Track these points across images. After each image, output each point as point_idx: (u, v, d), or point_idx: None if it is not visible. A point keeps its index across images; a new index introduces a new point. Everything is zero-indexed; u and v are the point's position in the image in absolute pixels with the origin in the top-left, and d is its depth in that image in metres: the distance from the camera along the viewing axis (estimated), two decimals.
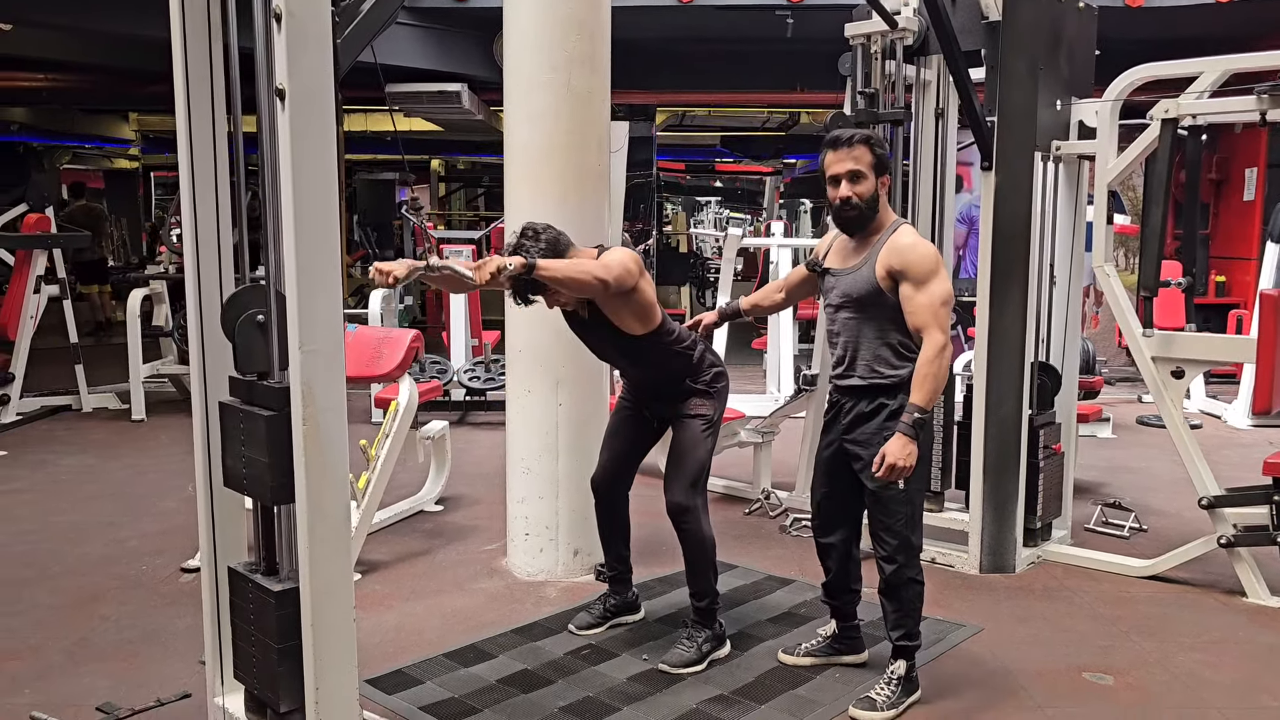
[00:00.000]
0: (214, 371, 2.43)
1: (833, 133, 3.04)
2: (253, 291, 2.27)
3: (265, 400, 2.18)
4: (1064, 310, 4.56)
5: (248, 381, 2.26)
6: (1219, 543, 4.02)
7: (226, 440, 2.31)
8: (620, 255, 3.20)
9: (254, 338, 2.24)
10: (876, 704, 3.04)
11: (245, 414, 2.22)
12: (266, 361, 2.24)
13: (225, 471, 2.34)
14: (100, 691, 3.16)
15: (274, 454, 2.12)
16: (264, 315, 2.23)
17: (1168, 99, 3.96)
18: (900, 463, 2.90)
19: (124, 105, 13.92)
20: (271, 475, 2.13)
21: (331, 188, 2.03)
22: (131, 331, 7.31)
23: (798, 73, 9.88)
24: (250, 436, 2.20)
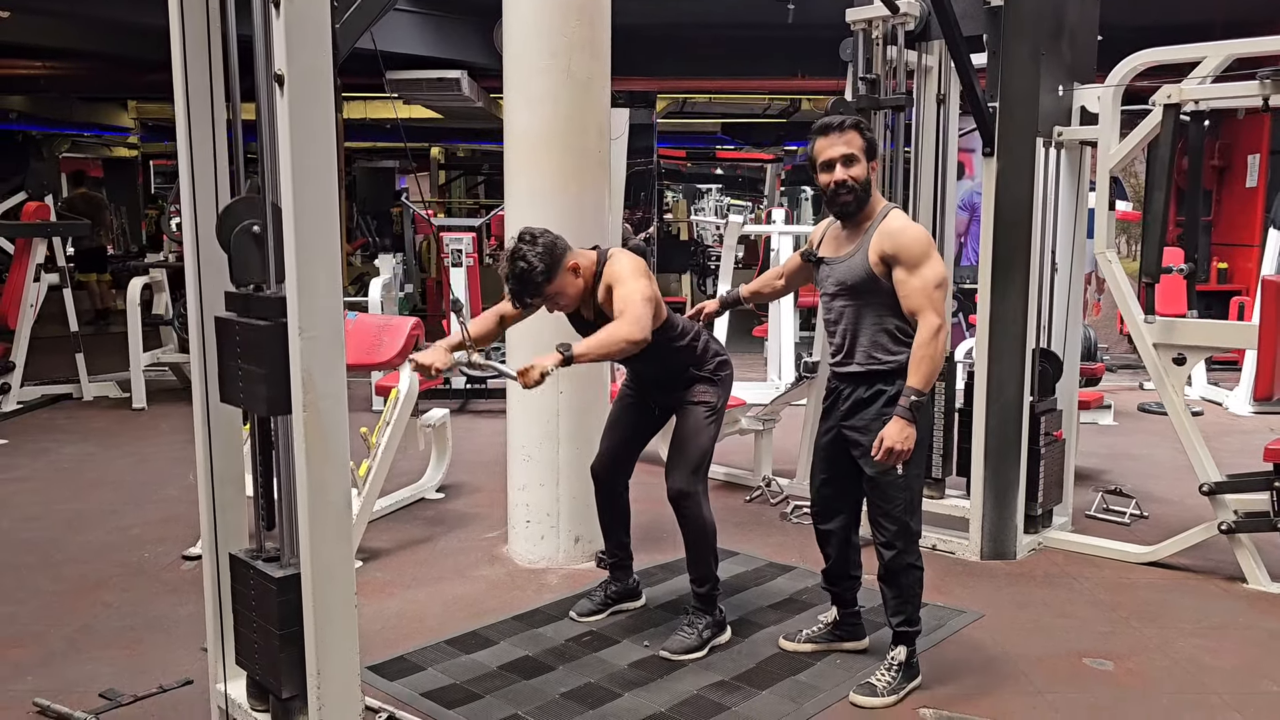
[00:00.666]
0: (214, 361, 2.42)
1: (821, 119, 3.05)
2: (248, 203, 2.22)
3: (262, 311, 2.15)
4: (1065, 297, 4.55)
5: (244, 294, 2.23)
6: (1220, 529, 4.03)
7: (223, 355, 2.26)
8: (634, 290, 3.12)
9: (249, 249, 2.19)
10: (877, 690, 3.05)
11: (242, 326, 2.18)
12: (262, 272, 2.21)
13: (222, 387, 2.29)
14: (103, 678, 3.17)
15: (271, 364, 2.09)
16: (260, 226, 2.19)
17: (1170, 84, 3.95)
18: (898, 446, 2.90)
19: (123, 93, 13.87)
20: (268, 386, 2.10)
21: (331, 174, 2.02)
22: (132, 320, 7.31)
23: (799, 59, 9.84)
24: (247, 348, 2.16)
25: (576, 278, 3.23)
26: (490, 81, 9.86)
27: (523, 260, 3.12)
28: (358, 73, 8.23)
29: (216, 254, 2.32)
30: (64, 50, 9.96)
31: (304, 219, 1.98)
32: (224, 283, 2.34)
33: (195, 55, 2.31)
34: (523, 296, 3.18)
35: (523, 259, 3.12)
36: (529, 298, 3.18)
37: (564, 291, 3.22)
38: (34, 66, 10.71)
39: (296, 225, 1.97)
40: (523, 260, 3.12)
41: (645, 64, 9.54)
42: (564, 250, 3.21)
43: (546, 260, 3.14)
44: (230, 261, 2.22)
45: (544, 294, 3.19)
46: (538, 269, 3.12)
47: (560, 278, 3.19)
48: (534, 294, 3.17)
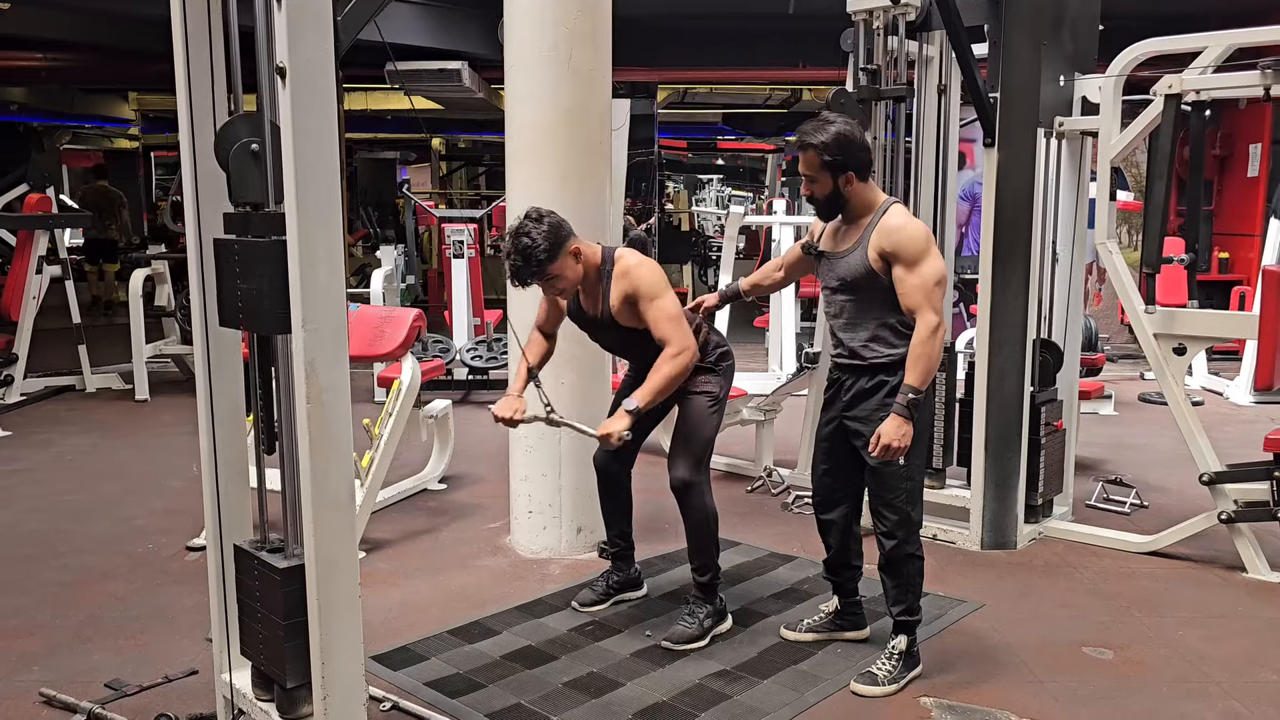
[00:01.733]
0: (217, 348, 2.43)
1: (797, 131, 3.07)
2: (247, 120, 2.20)
3: (261, 228, 2.15)
4: (1066, 287, 4.55)
5: (242, 214, 2.22)
6: (1219, 519, 4.04)
7: (222, 277, 2.24)
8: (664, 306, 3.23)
9: (248, 167, 2.18)
10: (878, 678, 3.07)
11: (241, 245, 2.17)
12: (261, 192, 2.20)
13: (221, 309, 2.29)
14: (108, 668, 3.19)
15: (271, 280, 2.08)
16: (258, 145, 2.17)
17: (1171, 74, 3.94)
18: (895, 443, 2.92)
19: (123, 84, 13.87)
20: (270, 303, 2.09)
21: (333, 165, 2.03)
22: (134, 312, 7.32)
23: (800, 49, 9.83)
24: (247, 266, 2.15)
25: (577, 263, 3.25)
26: (491, 72, 9.85)
27: (527, 237, 3.14)
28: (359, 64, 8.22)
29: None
30: (65, 42, 9.97)
31: (306, 212, 1.99)
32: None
33: (196, 47, 2.32)
34: (523, 274, 3.18)
35: (527, 235, 3.14)
36: (529, 276, 3.19)
37: (563, 274, 3.23)
38: (35, 58, 10.71)
39: (299, 217, 1.98)
40: (527, 237, 3.14)
41: (646, 54, 9.54)
42: (568, 234, 3.23)
43: (550, 240, 3.15)
44: (229, 180, 2.21)
45: (545, 273, 3.19)
46: (540, 246, 3.14)
47: (561, 260, 3.20)
48: (535, 272, 3.17)
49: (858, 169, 3.00)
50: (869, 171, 3.05)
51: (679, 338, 3.19)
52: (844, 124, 3.01)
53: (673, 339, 3.19)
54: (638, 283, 3.23)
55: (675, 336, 3.19)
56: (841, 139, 2.97)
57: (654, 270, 3.27)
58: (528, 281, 3.22)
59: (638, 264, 3.27)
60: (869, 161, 3.05)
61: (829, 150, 2.96)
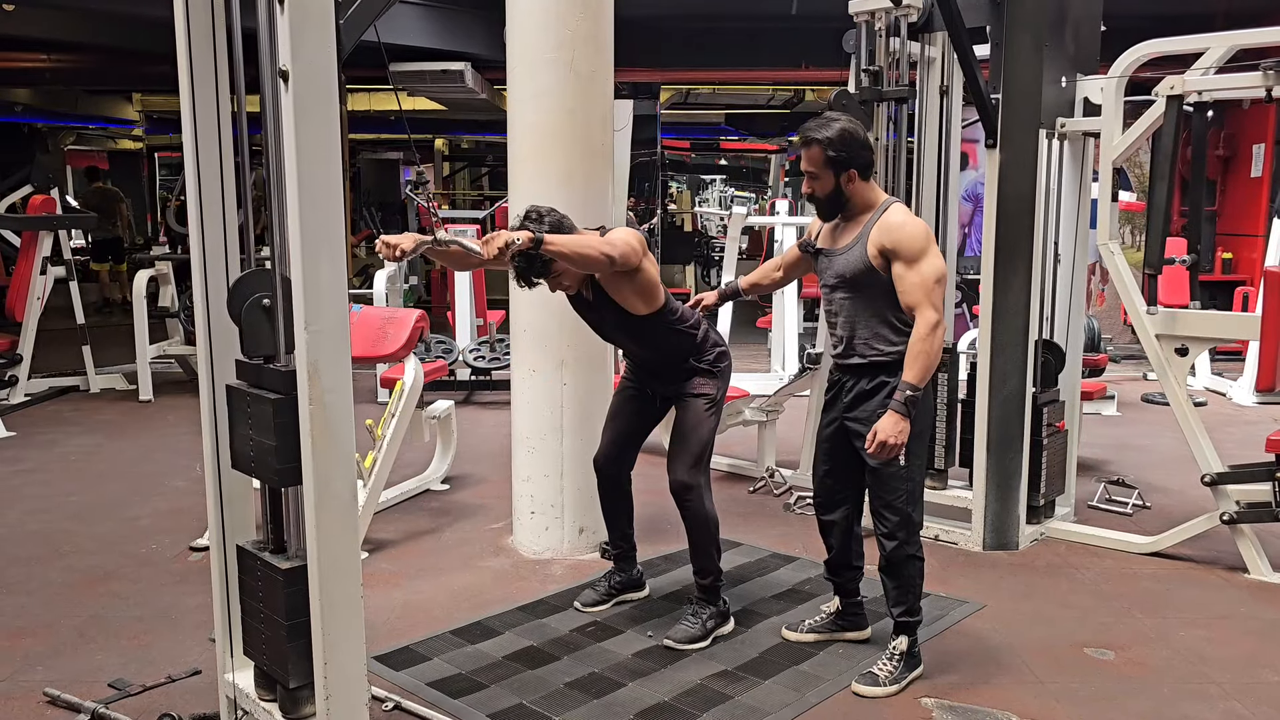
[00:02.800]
0: (220, 352, 2.44)
1: (801, 129, 3.07)
2: (258, 275, 2.28)
3: (272, 384, 2.20)
4: (1068, 288, 4.55)
5: (254, 365, 2.28)
6: (1221, 519, 4.04)
7: (234, 423, 2.32)
8: (624, 234, 3.20)
9: (260, 321, 2.25)
10: (879, 679, 3.07)
11: (252, 397, 2.23)
12: (272, 345, 2.25)
13: (233, 454, 2.36)
14: (112, 668, 3.20)
15: (281, 437, 2.13)
16: (269, 299, 2.24)
17: (1173, 75, 3.94)
18: (891, 440, 2.92)
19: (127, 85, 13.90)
20: (278, 458, 2.15)
21: (335, 168, 2.03)
22: (138, 313, 7.33)
23: (803, 49, 9.83)
24: (257, 420, 2.21)
25: None
26: (494, 73, 9.86)
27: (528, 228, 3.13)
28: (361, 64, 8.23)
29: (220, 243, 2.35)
30: (69, 43, 9.99)
31: (309, 213, 2.00)
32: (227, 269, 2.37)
33: (200, 48, 2.33)
34: (529, 274, 3.18)
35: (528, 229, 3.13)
36: (535, 275, 3.19)
37: (568, 270, 3.24)
38: (39, 59, 10.74)
39: (302, 219, 1.99)
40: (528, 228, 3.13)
41: (649, 55, 9.54)
42: (569, 230, 3.23)
43: None
44: (241, 334, 2.28)
45: (549, 271, 3.20)
46: None
47: None
48: (540, 271, 3.18)
49: (860, 167, 3.01)
50: (871, 171, 3.06)
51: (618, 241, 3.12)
52: (848, 122, 3.03)
53: (613, 239, 3.13)
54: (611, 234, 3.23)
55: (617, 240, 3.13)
56: (846, 136, 2.98)
57: (631, 232, 3.26)
58: (534, 282, 3.23)
59: (621, 229, 3.28)
60: (871, 161, 3.06)
61: (833, 146, 2.97)
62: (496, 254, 2.91)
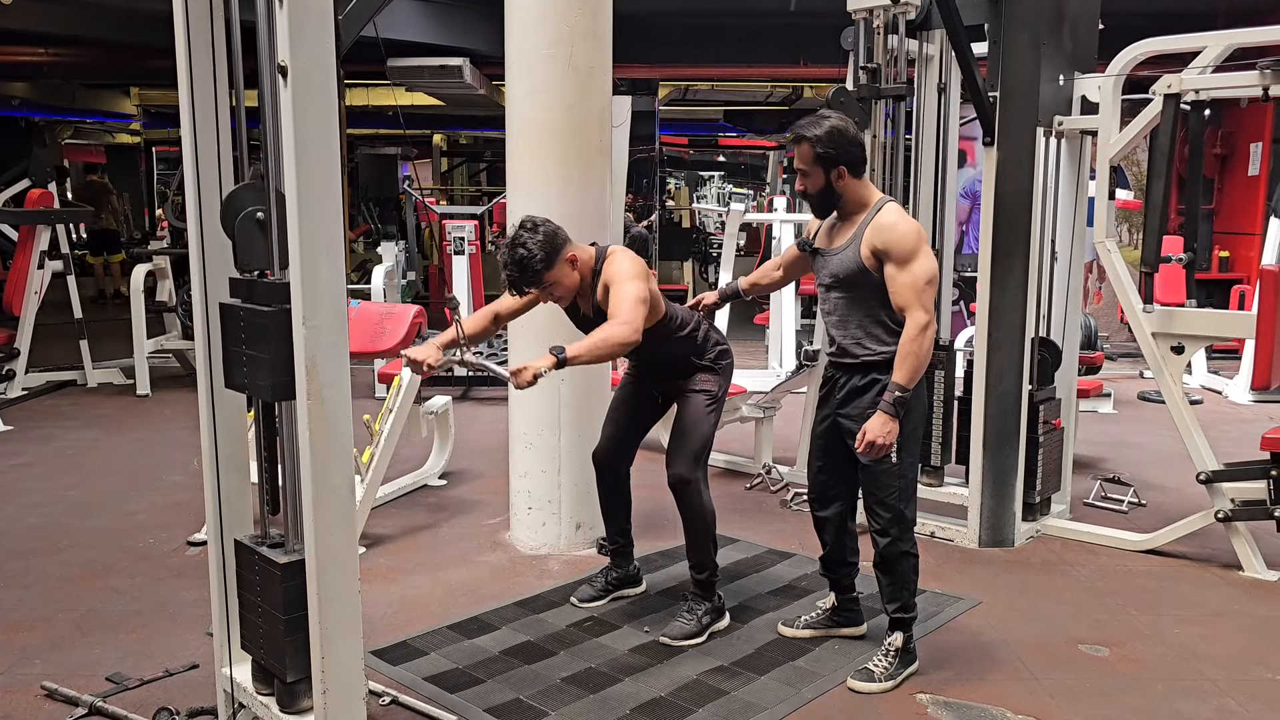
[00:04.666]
0: (218, 345, 2.44)
1: (792, 127, 3.09)
2: (252, 189, 2.24)
3: (266, 297, 2.18)
4: (1065, 286, 4.56)
5: (248, 280, 2.25)
6: (1216, 517, 4.05)
7: (227, 341, 2.29)
8: (630, 290, 3.14)
9: (253, 235, 2.22)
10: (874, 675, 3.08)
11: (246, 312, 2.21)
12: (266, 259, 2.23)
13: (226, 372, 2.33)
14: (109, 662, 3.21)
15: (275, 349, 2.12)
16: (263, 213, 2.21)
17: (1171, 74, 3.95)
18: (880, 440, 2.93)
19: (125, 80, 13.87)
20: (273, 371, 2.13)
21: (334, 164, 2.04)
22: (136, 307, 7.33)
23: (801, 46, 9.84)
24: (251, 333, 2.19)
25: (573, 270, 3.26)
26: (492, 69, 9.86)
27: (523, 247, 3.15)
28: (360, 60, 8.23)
29: (221, 240, 2.35)
30: (66, 37, 9.98)
31: (307, 209, 2.00)
32: (228, 268, 2.37)
33: (199, 42, 2.33)
34: (520, 284, 3.20)
35: (523, 246, 3.15)
36: (527, 285, 3.20)
37: (560, 282, 3.25)
38: (37, 53, 10.72)
39: (300, 215, 1.99)
40: (523, 247, 3.15)
41: (647, 51, 9.54)
42: (564, 241, 3.24)
43: (546, 249, 3.16)
44: (234, 248, 2.25)
45: (542, 282, 3.21)
46: (537, 256, 3.15)
47: (558, 268, 3.21)
48: (532, 281, 3.19)
49: (850, 164, 3.02)
50: (862, 168, 3.07)
51: (629, 313, 3.09)
52: (839, 119, 3.04)
53: (622, 312, 3.10)
54: (613, 271, 3.23)
55: (626, 311, 3.10)
56: (835, 133, 2.99)
57: (634, 262, 3.27)
58: (525, 290, 3.24)
59: (622, 258, 3.28)
60: (863, 158, 3.07)
61: (822, 143, 2.98)
62: (528, 385, 2.96)
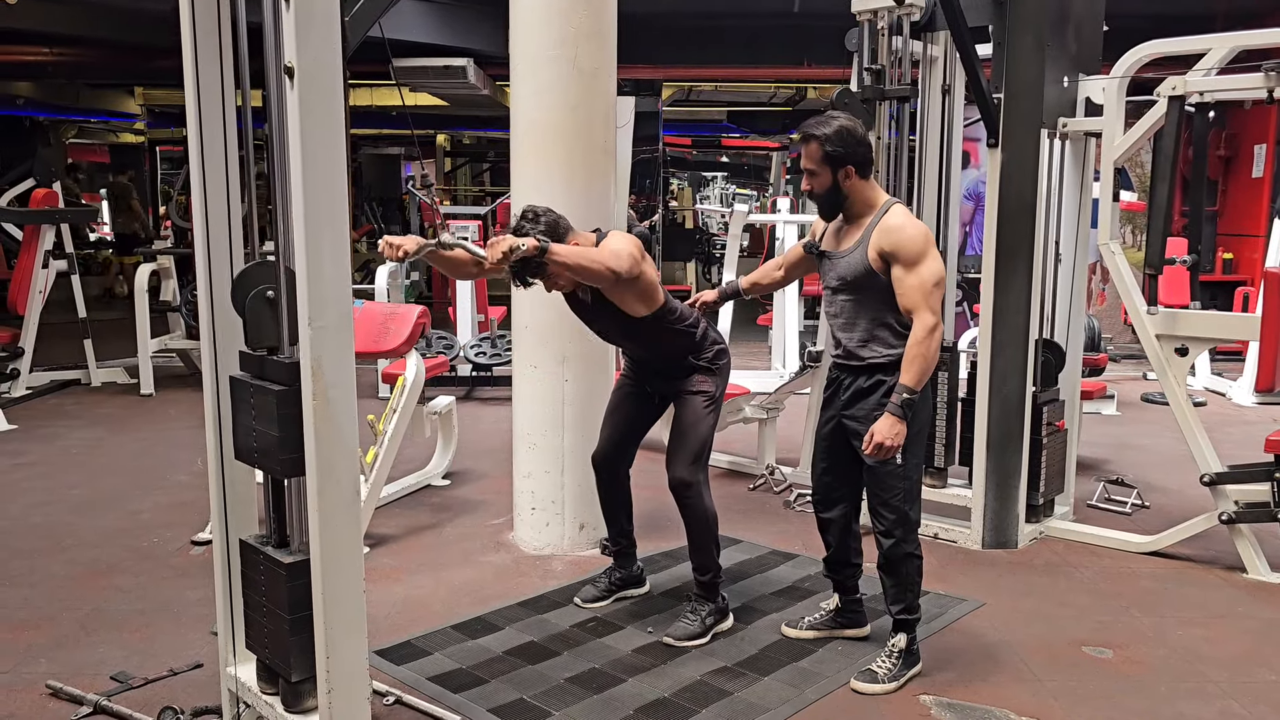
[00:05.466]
0: (224, 345, 2.45)
1: (800, 126, 3.09)
2: (262, 267, 2.29)
3: (275, 375, 2.21)
4: (1069, 287, 4.56)
5: (258, 356, 2.29)
6: (1220, 519, 4.05)
7: (237, 414, 2.33)
8: (623, 244, 3.20)
9: (264, 313, 2.26)
10: (878, 676, 3.09)
11: (256, 388, 2.24)
12: (276, 337, 2.26)
13: (236, 445, 2.37)
14: (114, 661, 3.21)
15: (284, 428, 2.15)
16: (274, 291, 2.25)
17: (1175, 76, 3.95)
18: (888, 442, 2.93)
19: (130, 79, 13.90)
20: (282, 449, 2.16)
21: (340, 164, 2.04)
22: (139, 306, 7.34)
23: (804, 47, 9.84)
24: (261, 411, 2.22)
25: None
26: (496, 69, 9.87)
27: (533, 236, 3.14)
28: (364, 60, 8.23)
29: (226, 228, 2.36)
30: (71, 36, 9.99)
31: (313, 209, 2.01)
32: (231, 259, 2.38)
33: (205, 42, 2.34)
34: (523, 274, 3.19)
35: (524, 237, 3.14)
36: (530, 275, 3.20)
37: (562, 271, 3.24)
38: (41, 52, 10.74)
39: (306, 215, 2.00)
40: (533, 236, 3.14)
41: (651, 52, 9.55)
42: (565, 230, 3.24)
43: (548, 239, 3.15)
44: (245, 326, 2.29)
45: (545, 272, 3.21)
46: None
47: None
48: (535, 271, 3.19)
49: (858, 164, 3.02)
50: (870, 168, 3.07)
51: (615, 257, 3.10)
52: (847, 119, 3.04)
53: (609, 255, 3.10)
54: (608, 242, 3.24)
55: (612, 255, 3.10)
56: (843, 132, 2.99)
57: (629, 239, 3.27)
58: (529, 281, 3.24)
59: (615, 234, 3.29)
60: (870, 158, 3.07)
61: (830, 142, 2.99)
62: (500, 258, 2.92)
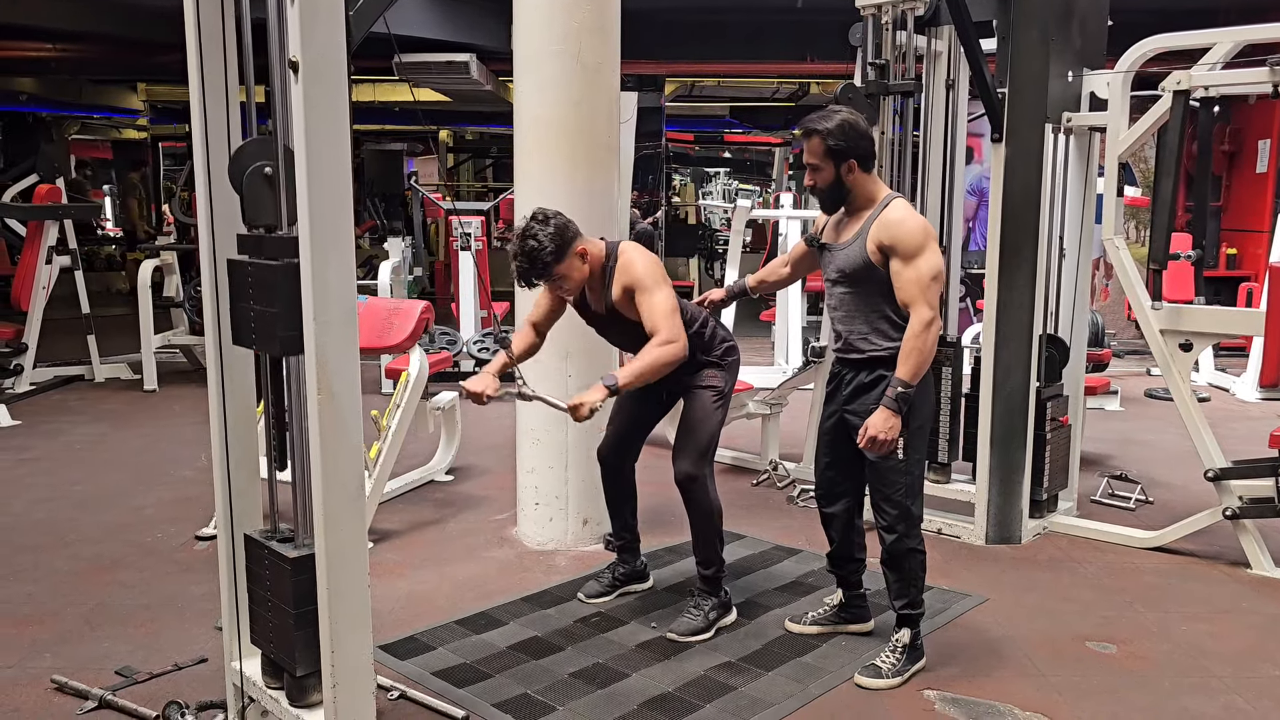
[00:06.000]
0: (228, 339, 2.45)
1: (801, 121, 3.09)
2: (260, 143, 2.24)
3: (274, 251, 2.18)
4: (1073, 283, 4.55)
5: (255, 236, 2.25)
6: (1224, 515, 4.04)
7: (235, 296, 2.29)
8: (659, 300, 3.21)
9: (262, 189, 2.22)
10: (881, 671, 3.09)
11: (254, 266, 2.20)
12: (274, 214, 2.23)
13: (234, 328, 2.32)
14: (119, 656, 3.22)
15: (284, 303, 2.11)
16: (271, 168, 2.21)
17: (1180, 70, 3.94)
18: (882, 435, 2.93)
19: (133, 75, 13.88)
20: (282, 325, 2.13)
21: (345, 160, 2.04)
22: (143, 303, 7.35)
23: (808, 43, 9.81)
24: (260, 288, 2.18)
25: (583, 264, 3.27)
26: (499, 64, 9.84)
27: (533, 239, 3.16)
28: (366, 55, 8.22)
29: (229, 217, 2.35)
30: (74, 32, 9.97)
31: (318, 205, 2.00)
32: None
33: (209, 38, 2.33)
34: (530, 276, 3.20)
35: (533, 238, 3.16)
36: (536, 277, 3.21)
37: (570, 275, 3.25)
38: (44, 48, 10.71)
39: (311, 210, 2.00)
40: (533, 239, 3.16)
41: (654, 48, 9.52)
42: (574, 235, 3.24)
43: (557, 241, 3.17)
44: (242, 202, 2.25)
45: (551, 275, 3.21)
46: (547, 249, 3.16)
47: (568, 261, 3.22)
48: (541, 274, 3.20)
49: (860, 158, 3.02)
50: (872, 162, 3.07)
51: (669, 329, 3.17)
52: (849, 114, 3.05)
53: (662, 329, 3.17)
54: (636, 275, 3.24)
55: (666, 327, 3.17)
56: (846, 126, 3.00)
57: (653, 263, 3.28)
58: (535, 283, 3.25)
59: (638, 258, 3.29)
60: (872, 152, 3.07)
61: (833, 136, 2.99)
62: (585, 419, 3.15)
